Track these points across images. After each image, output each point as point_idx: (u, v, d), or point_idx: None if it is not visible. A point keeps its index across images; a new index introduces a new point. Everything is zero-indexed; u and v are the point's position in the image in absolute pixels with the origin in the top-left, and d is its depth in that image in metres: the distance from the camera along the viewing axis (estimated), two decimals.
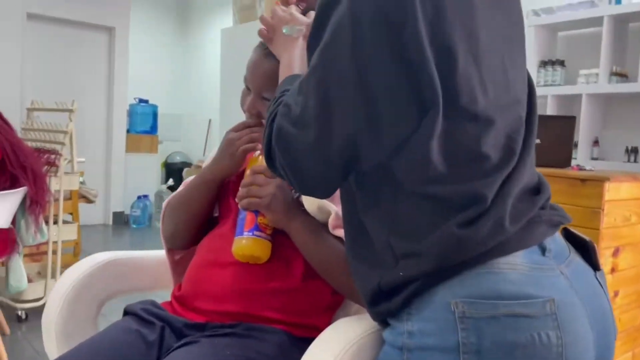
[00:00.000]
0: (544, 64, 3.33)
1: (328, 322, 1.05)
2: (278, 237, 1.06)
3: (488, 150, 0.72)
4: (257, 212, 1.03)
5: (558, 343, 0.69)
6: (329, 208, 1.03)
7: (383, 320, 0.80)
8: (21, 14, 5.04)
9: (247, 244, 1.02)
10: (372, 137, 0.71)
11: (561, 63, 3.29)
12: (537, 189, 0.80)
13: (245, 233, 1.02)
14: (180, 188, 1.26)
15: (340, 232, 1.01)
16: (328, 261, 1.02)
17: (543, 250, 0.74)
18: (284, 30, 0.97)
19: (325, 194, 0.81)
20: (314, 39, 0.74)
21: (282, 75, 0.93)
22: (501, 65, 0.76)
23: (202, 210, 1.18)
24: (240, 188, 1.05)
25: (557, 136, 2.21)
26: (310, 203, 1.05)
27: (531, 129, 0.81)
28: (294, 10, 1.00)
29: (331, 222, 1.03)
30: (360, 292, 0.82)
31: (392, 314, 0.77)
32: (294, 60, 0.93)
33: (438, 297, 0.71)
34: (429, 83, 0.68)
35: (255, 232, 1.02)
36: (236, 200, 1.06)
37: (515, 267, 0.71)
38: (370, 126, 0.70)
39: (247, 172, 1.07)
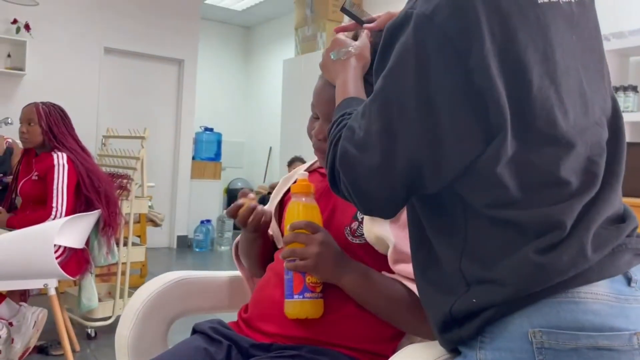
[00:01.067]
0: (615, 89, 3.21)
1: (394, 350, 1.03)
2: None
3: (568, 175, 0.70)
4: (304, 273, 1.00)
5: None
6: (387, 241, 1.01)
7: (453, 349, 0.78)
8: (99, 48, 5.39)
9: (299, 307, 1.00)
10: (436, 162, 0.70)
11: (634, 89, 3.16)
12: (622, 218, 0.76)
13: (296, 296, 1.00)
14: None
15: (400, 268, 0.99)
16: (386, 307, 1.00)
17: (629, 281, 0.71)
18: (331, 56, 0.98)
19: (389, 215, 0.80)
20: (379, 64, 0.75)
21: (338, 98, 0.93)
22: (579, 88, 0.74)
23: (260, 253, 1.23)
24: (283, 245, 1.03)
25: (632, 163, 2.11)
26: (369, 232, 1.04)
27: (617, 155, 0.77)
28: (340, 35, 1.01)
29: (391, 255, 1.00)
30: (430, 318, 0.80)
31: (463, 342, 0.74)
32: (347, 82, 0.93)
33: (514, 326, 0.69)
34: (496, 108, 0.67)
35: (306, 295, 1.00)
36: (280, 257, 1.04)
37: (598, 297, 0.68)
38: (434, 151, 0.69)
39: (287, 227, 1.03)
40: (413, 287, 0.97)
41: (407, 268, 0.98)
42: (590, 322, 0.66)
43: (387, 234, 1.00)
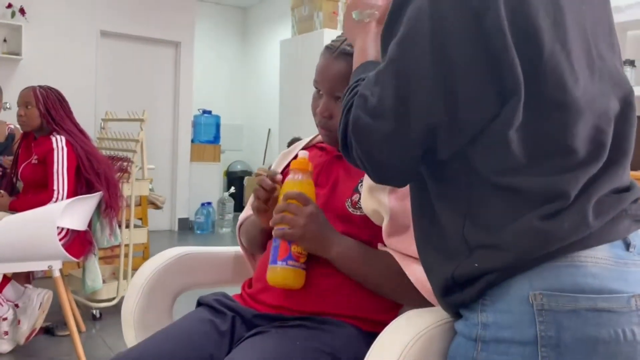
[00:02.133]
0: None
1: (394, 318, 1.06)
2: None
3: (575, 142, 0.70)
4: (290, 242, 1.03)
5: None
6: (383, 213, 1.02)
7: (455, 312, 0.79)
8: (95, 31, 5.36)
9: (280, 273, 1.02)
10: (450, 127, 0.70)
11: (631, 63, 3.15)
12: (627, 189, 0.77)
13: (279, 262, 1.02)
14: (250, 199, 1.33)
15: (393, 241, 1.01)
16: (375, 282, 1.03)
17: (627, 246, 0.72)
18: (353, 16, 0.93)
19: (401, 183, 0.81)
20: (388, 30, 0.75)
21: (356, 61, 0.90)
22: (587, 57, 0.74)
23: (260, 238, 1.23)
24: (273, 213, 1.05)
25: (637, 138, 2.11)
26: (365, 204, 1.05)
27: (626, 132, 0.77)
28: None
29: (385, 229, 1.02)
30: (432, 283, 0.81)
31: (465, 305, 0.76)
32: (368, 46, 0.90)
33: (515, 289, 0.70)
34: (510, 70, 0.67)
35: (289, 262, 1.02)
36: (270, 224, 1.05)
37: (598, 260, 0.69)
38: (449, 116, 0.69)
39: (281, 196, 1.06)
40: (403, 261, 0.99)
41: (400, 242, 1.01)
42: (590, 284, 0.68)
43: (384, 206, 1.02)
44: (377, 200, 1.03)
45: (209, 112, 6.40)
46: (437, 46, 0.68)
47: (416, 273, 0.97)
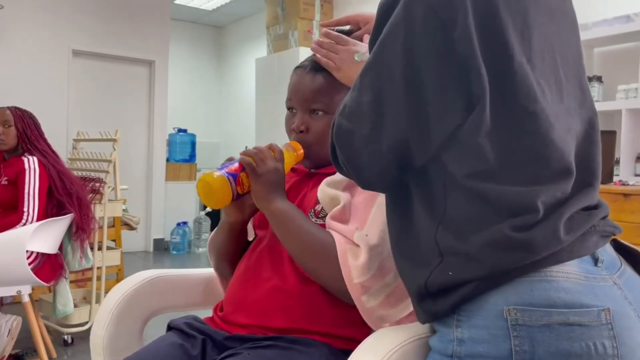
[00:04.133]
0: None
1: (366, 334, 1.05)
2: None
3: (545, 153, 0.72)
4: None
5: (614, 353, 0.68)
6: (340, 199, 1.04)
7: (430, 320, 0.79)
8: (67, 50, 5.30)
9: (215, 178, 1.01)
10: (421, 132, 0.72)
11: (599, 79, 3.24)
12: (595, 206, 0.79)
13: (224, 171, 1.03)
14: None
15: (336, 225, 1.02)
16: (304, 247, 1.02)
17: (595, 261, 0.74)
18: (355, 57, 1.04)
19: (383, 188, 0.83)
20: (373, 39, 0.78)
21: None
22: (555, 74, 0.76)
23: (231, 247, 1.22)
24: (253, 148, 1.08)
25: (603, 152, 2.16)
26: (323, 193, 1.07)
27: (592, 153, 0.80)
28: (351, 41, 1.07)
29: (333, 212, 1.04)
30: (407, 289, 0.82)
31: (439, 320, 0.76)
32: None
33: (490, 304, 0.71)
34: (476, 77, 0.69)
35: (230, 178, 1.02)
36: (240, 153, 1.08)
37: (569, 276, 0.71)
38: (419, 121, 0.72)
39: (268, 144, 1.10)
40: (337, 236, 1.01)
41: (340, 226, 1.02)
42: (562, 299, 0.69)
43: (340, 194, 1.05)
44: (333, 191, 1.06)
45: (185, 131, 6.36)
46: (408, 52, 0.71)
47: (345, 252, 0.98)
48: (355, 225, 1.02)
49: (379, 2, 0.78)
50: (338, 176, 1.07)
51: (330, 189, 1.07)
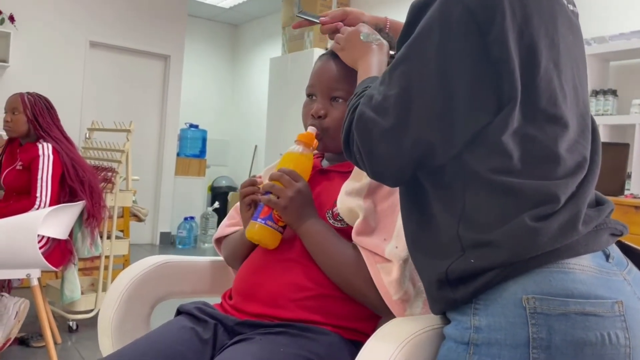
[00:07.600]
0: (595, 93, 3.28)
1: (373, 328, 1.06)
2: None
3: (564, 152, 0.76)
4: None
5: (626, 344, 0.71)
6: (358, 212, 1.05)
7: (446, 309, 0.81)
8: (84, 42, 5.35)
9: (258, 230, 1.09)
10: (447, 130, 0.74)
11: (613, 92, 3.23)
12: (599, 202, 0.84)
13: (260, 220, 1.09)
14: (230, 212, 1.34)
15: (363, 241, 1.04)
16: (336, 266, 1.05)
17: (607, 257, 0.77)
18: (361, 37, 1.05)
19: (394, 181, 0.84)
20: (403, 37, 0.79)
21: (361, 76, 0.99)
22: (572, 80, 0.81)
23: (247, 251, 1.22)
24: (267, 180, 1.11)
25: (610, 163, 2.17)
26: (342, 204, 1.08)
27: (596, 147, 0.85)
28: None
29: (356, 227, 1.05)
30: (425, 283, 0.84)
31: (455, 309, 0.78)
32: (372, 65, 1.00)
33: (508, 293, 0.73)
34: (509, 78, 0.72)
35: (269, 222, 1.09)
36: (260, 189, 1.13)
37: (585, 268, 0.74)
38: (446, 119, 0.74)
39: (278, 167, 1.12)
40: (368, 258, 1.03)
41: (368, 240, 1.03)
42: (578, 290, 0.71)
43: (359, 205, 1.06)
44: (353, 201, 1.07)
45: (196, 126, 6.40)
46: (442, 51, 0.73)
47: (378, 271, 1.01)
48: (383, 237, 1.03)
49: (412, 2, 0.80)
50: (357, 184, 1.09)
51: (349, 199, 1.08)
